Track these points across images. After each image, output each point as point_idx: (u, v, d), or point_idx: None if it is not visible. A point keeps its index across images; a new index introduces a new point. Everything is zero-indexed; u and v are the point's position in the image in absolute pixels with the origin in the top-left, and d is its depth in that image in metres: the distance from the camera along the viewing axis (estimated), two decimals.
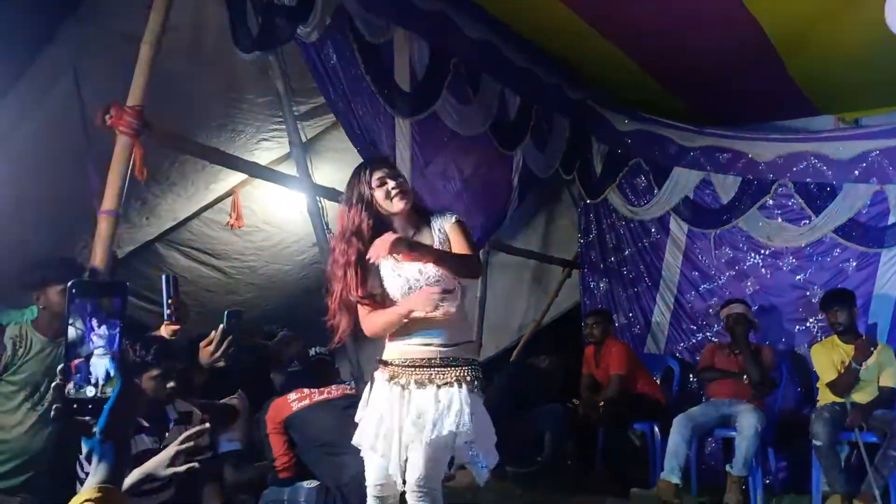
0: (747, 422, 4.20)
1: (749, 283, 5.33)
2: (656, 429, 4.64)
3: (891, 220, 4.84)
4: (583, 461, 4.98)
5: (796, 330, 5.12)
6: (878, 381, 4.29)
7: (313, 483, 3.14)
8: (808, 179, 5.11)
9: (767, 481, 4.49)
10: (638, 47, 4.73)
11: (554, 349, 5.51)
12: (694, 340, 5.43)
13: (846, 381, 4.21)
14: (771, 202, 5.24)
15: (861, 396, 4.25)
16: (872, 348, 4.18)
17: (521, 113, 4.76)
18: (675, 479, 4.12)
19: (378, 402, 2.42)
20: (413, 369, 2.39)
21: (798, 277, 5.16)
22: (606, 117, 5.67)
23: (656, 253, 5.67)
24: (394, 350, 2.45)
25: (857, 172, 4.93)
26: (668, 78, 5.27)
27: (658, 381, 5.11)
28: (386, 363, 2.45)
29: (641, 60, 4.95)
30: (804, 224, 5.12)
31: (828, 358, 4.38)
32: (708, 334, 5.36)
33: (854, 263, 4.96)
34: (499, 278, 5.89)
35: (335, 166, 4.36)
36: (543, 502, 4.13)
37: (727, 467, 4.28)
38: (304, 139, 3.82)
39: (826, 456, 4.11)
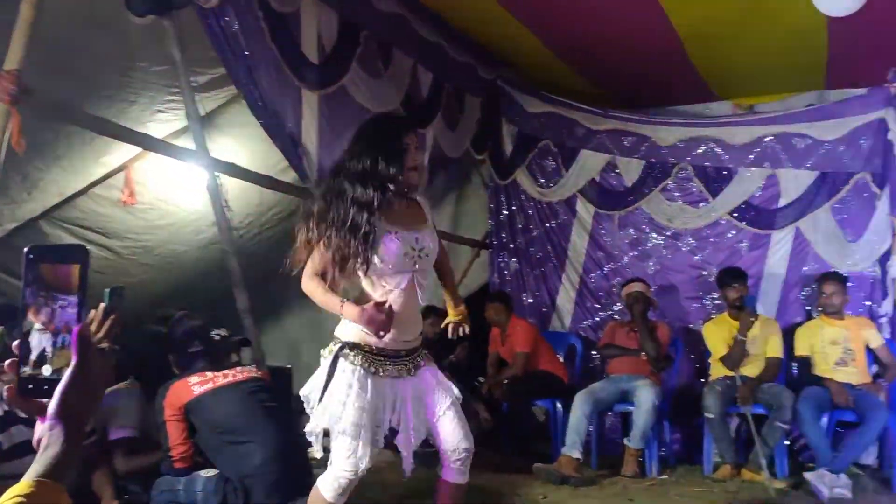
0: (644, 396, 4.36)
1: (651, 263, 5.51)
2: (559, 405, 4.75)
3: (781, 203, 5.10)
4: (488, 439, 5.04)
5: (693, 308, 5.34)
6: (766, 354, 4.55)
7: (211, 472, 3.01)
8: (706, 163, 5.32)
9: (662, 453, 4.69)
10: (547, 29, 4.76)
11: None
12: (598, 319, 5.58)
13: (736, 355, 4.44)
14: (672, 185, 5.42)
15: (750, 370, 4.49)
16: (752, 318, 4.41)
17: (433, 91, 4.71)
18: (577, 454, 4.24)
19: (355, 387, 2.36)
20: (385, 359, 2.43)
21: (696, 258, 5.38)
22: (517, 98, 5.72)
23: (563, 234, 5.78)
24: (361, 336, 2.40)
25: (751, 157, 5.16)
26: (576, 60, 5.34)
27: (561, 359, 5.22)
28: (356, 347, 2.40)
29: (551, 43, 4.99)
30: (702, 206, 5.33)
31: (719, 334, 4.61)
32: (611, 312, 5.52)
33: (747, 244, 5.21)
34: None
35: (236, 141, 4.18)
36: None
37: (625, 440, 4.45)
38: (202, 112, 3.63)
39: (717, 428, 4.34)
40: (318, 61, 3.82)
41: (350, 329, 2.42)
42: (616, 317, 5.38)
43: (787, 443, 4.43)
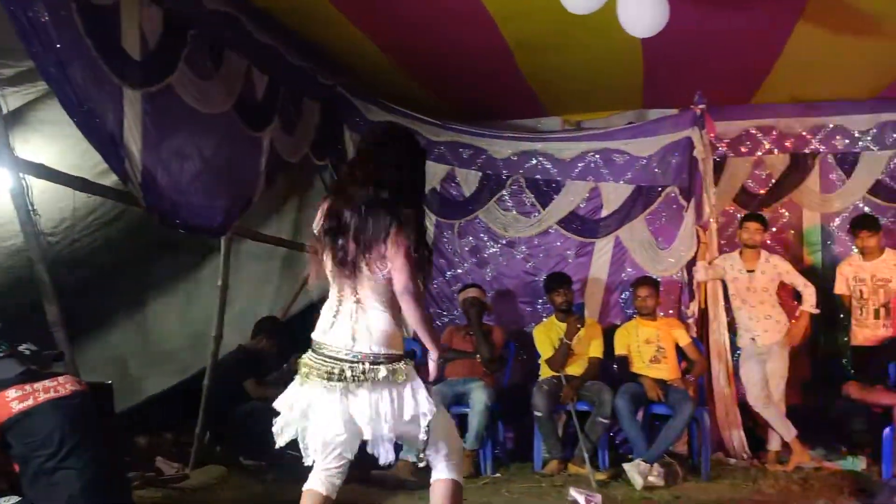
0: (478, 398, 4.51)
1: (488, 270, 5.73)
2: None
3: (603, 214, 5.47)
4: None
5: (526, 311, 5.61)
6: (588, 354, 4.85)
7: (12, 501, 2.73)
8: (537, 176, 5.61)
9: (497, 452, 4.86)
10: (384, 37, 4.82)
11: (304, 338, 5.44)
12: (440, 323, 5.68)
13: (560, 356, 4.71)
14: (506, 196, 5.67)
15: (574, 369, 4.78)
16: (580, 325, 4.70)
17: (268, 94, 4.62)
18: (413, 458, 4.26)
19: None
20: None
21: (528, 264, 5.65)
22: (357, 106, 5.73)
23: None
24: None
25: (576, 171, 5.51)
26: (415, 70, 5.44)
27: None
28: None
29: (389, 50, 5.05)
30: (534, 217, 5.61)
31: (547, 337, 4.87)
32: (453, 317, 5.66)
33: (573, 252, 5.54)
34: (246, 266, 5.70)
35: (47, 140, 3.88)
36: (283, 495, 4.03)
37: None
38: (5, 108, 3.34)
39: (545, 425, 4.57)
40: (140, 58, 3.63)
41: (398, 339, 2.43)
42: (457, 321, 5.52)
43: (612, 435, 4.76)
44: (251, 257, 5.75)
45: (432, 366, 2.47)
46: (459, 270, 5.75)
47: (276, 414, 2.45)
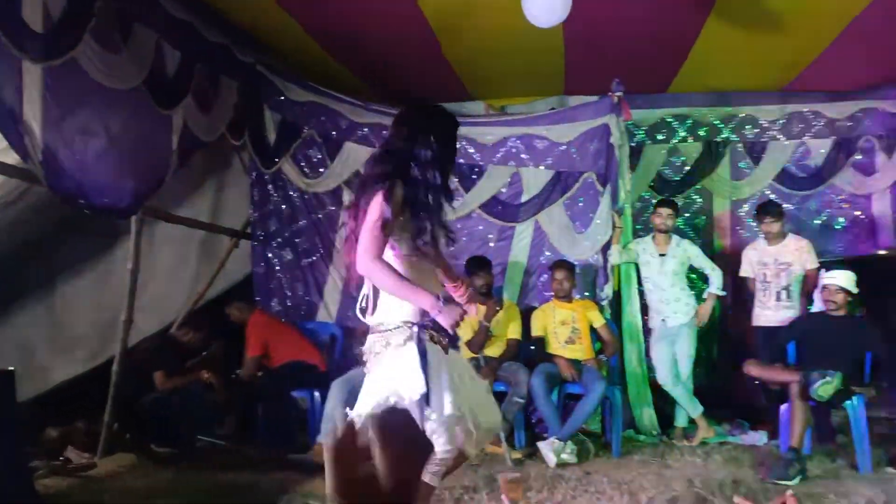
0: None
1: None
2: (317, 395, 4.77)
3: (523, 199, 5.54)
4: (243, 435, 4.95)
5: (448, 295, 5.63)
6: (506, 336, 4.93)
7: None
8: (460, 160, 5.62)
9: None
10: (306, 14, 4.75)
11: (221, 323, 5.34)
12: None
13: (479, 339, 4.77)
14: None
15: (492, 351, 4.86)
16: (498, 307, 4.78)
17: (181, 70, 4.48)
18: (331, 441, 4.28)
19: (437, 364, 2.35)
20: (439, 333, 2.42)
21: (451, 248, 5.64)
22: (278, 85, 5.63)
23: (331, 225, 5.81)
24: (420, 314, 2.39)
25: (498, 156, 5.56)
26: (338, 50, 5.39)
27: (324, 349, 5.25)
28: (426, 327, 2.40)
29: (311, 29, 4.99)
30: (457, 201, 5.62)
31: (466, 319, 4.89)
32: None
33: (494, 236, 5.60)
34: (161, 249, 5.56)
35: None
36: (196, 482, 3.98)
37: None
38: None
39: None
40: (42, 30, 3.47)
41: (407, 309, 2.39)
42: None
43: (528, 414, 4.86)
44: (167, 240, 5.59)
45: (444, 318, 2.35)
46: None
47: (189, 401, 2.41)
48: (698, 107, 6.09)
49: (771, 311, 4.96)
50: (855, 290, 4.43)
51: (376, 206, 2.31)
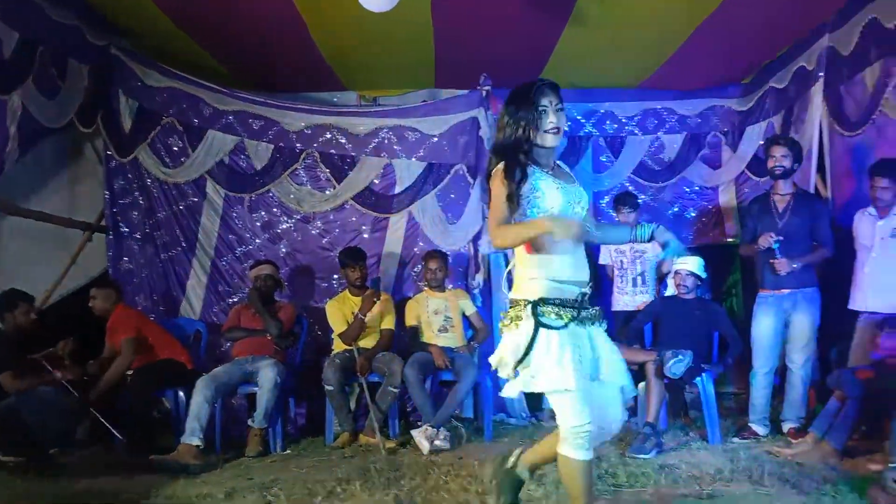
0: (267, 376, 4.43)
1: (282, 246, 5.61)
2: (181, 394, 4.57)
3: (397, 190, 5.56)
4: (107, 438, 4.65)
5: (322, 287, 5.57)
6: (381, 327, 4.93)
7: None
8: (331, 151, 5.57)
9: (289, 429, 4.82)
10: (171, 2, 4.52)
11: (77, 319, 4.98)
12: (231, 302, 5.49)
13: (353, 330, 4.74)
14: (300, 170, 5.57)
15: (367, 342, 4.84)
16: (375, 299, 4.78)
17: (19, 52, 4.13)
18: (197, 441, 4.13)
19: (557, 342, 2.35)
20: (568, 309, 2.41)
21: (324, 240, 5.61)
22: (135, 70, 5.33)
23: (193, 216, 5.58)
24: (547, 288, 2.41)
25: (371, 147, 5.54)
26: (202, 36, 5.16)
27: (188, 347, 5.03)
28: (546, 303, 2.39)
29: (172, 13, 4.75)
30: (329, 192, 5.57)
31: (339, 311, 4.88)
32: (243, 296, 5.48)
33: (368, 227, 5.59)
34: (10, 244, 5.11)
35: None
36: (54, 490, 3.70)
37: (249, 421, 4.47)
38: None
39: (336, 398, 4.59)
40: None
41: (531, 287, 2.43)
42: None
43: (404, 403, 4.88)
44: (17, 235, 5.15)
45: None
46: (251, 247, 5.58)
47: (39, 406, 2.23)
48: (564, 102, 6.30)
49: (628, 296, 5.25)
50: (703, 275, 4.77)
51: (494, 188, 2.46)
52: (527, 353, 2.36)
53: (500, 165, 2.46)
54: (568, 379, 2.31)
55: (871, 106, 4.48)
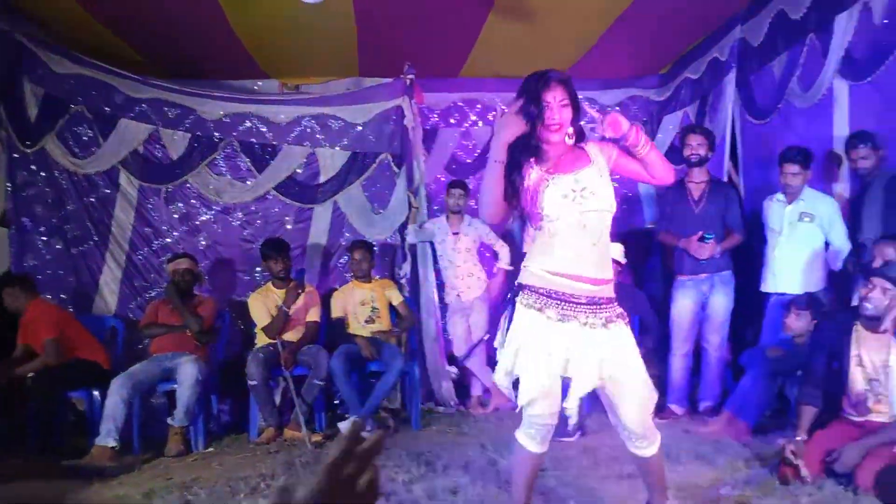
0: (187, 373, 4.29)
1: (202, 238, 5.44)
2: (96, 394, 4.38)
3: (321, 180, 5.47)
4: (10, 442, 4.42)
5: (244, 280, 5.43)
6: (306, 319, 4.85)
7: None
8: (252, 140, 5.42)
9: (211, 426, 4.69)
10: None
11: None
12: (148, 297, 5.30)
13: (277, 324, 4.65)
14: (219, 160, 5.41)
15: (292, 335, 4.75)
16: (300, 291, 4.69)
17: None
18: (112, 442, 3.98)
19: (525, 329, 2.34)
20: (559, 303, 2.35)
21: (246, 232, 5.47)
22: (41, 57, 5.04)
23: (105, 209, 5.34)
24: (539, 277, 2.39)
25: (293, 135, 5.43)
26: (113, 21, 4.93)
27: (104, 344, 4.82)
28: (527, 288, 2.39)
29: (86, 2, 4.52)
30: (249, 182, 5.43)
31: (263, 304, 4.77)
32: (161, 291, 5.28)
33: (292, 218, 5.48)
34: None
35: None
36: None
37: (169, 419, 4.33)
38: None
39: (260, 393, 4.49)
40: None
41: (525, 273, 2.43)
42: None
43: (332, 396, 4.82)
44: None
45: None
46: (168, 240, 5.38)
47: None
48: (487, 92, 6.36)
49: None
50: (623, 260, 4.88)
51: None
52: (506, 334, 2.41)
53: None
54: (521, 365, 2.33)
55: (778, 95, 4.68)
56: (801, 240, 4.24)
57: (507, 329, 2.40)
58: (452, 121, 6.31)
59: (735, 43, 5.09)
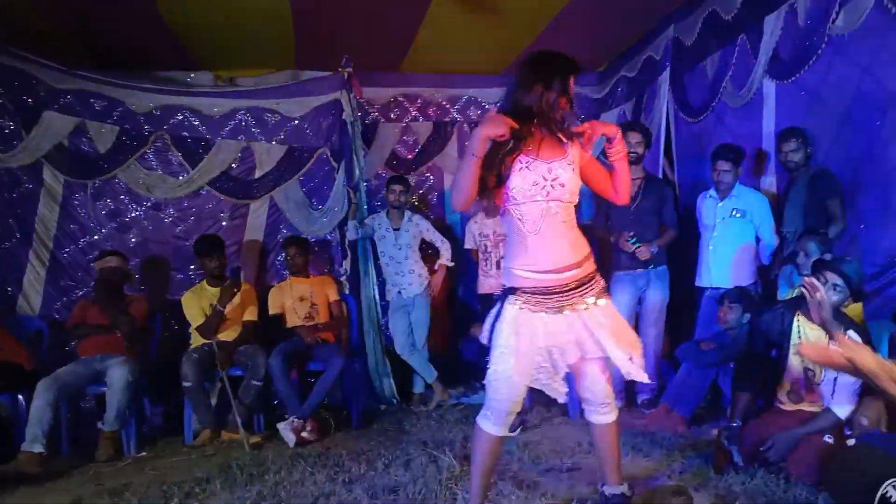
0: (117, 375, 4.13)
1: (132, 235, 5.25)
2: (21, 398, 4.18)
3: (257, 175, 5.36)
4: None
5: (177, 279, 5.27)
6: (243, 319, 4.74)
7: None
8: (184, 133, 5.26)
9: (144, 430, 4.53)
10: None
11: None
12: (75, 297, 5.08)
13: (212, 323, 4.53)
14: (150, 154, 5.23)
15: (229, 335, 4.64)
16: (235, 290, 4.57)
17: None
18: (39, 448, 3.79)
19: (508, 324, 2.39)
20: (539, 297, 2.40)
21: (178, 228, 5.31)
22: None
23: (28, 205, 5.10)
24: (517, 278, 2.43)
25: (227, 129, 5.30)
26: (42, 13, 4.69)
27: (29, 346, 4.60)
28: (513, 291, 2.43)
29: None
30: (182, 177, 5.26)
31: (197, 303, 4.64)
32: (89, 290, 5.08)
33: (227, 214, 5.34)
34: None
35: None
36: None
37: (99, 423, 4.16)
38: None
39: (194, 395, 4.36)
40: None
41: (510, 274, 2.45)
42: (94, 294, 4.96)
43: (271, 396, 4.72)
44: None
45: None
46: (96, 237, 5.18)
47: None
48: (427, 87, 6.33)
49: (493, 279, 5.34)
50: None
51: None
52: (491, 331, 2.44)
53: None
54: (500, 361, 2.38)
55: (712, 94, 4.80)
56: (733, 235, 4.36)
57: (493, 327, 2.43)
58: (392, 116, 6.27)
59: (669, 42, 5.20)
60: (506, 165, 2.37)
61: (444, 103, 6.37)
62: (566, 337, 2.42)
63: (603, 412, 2.64)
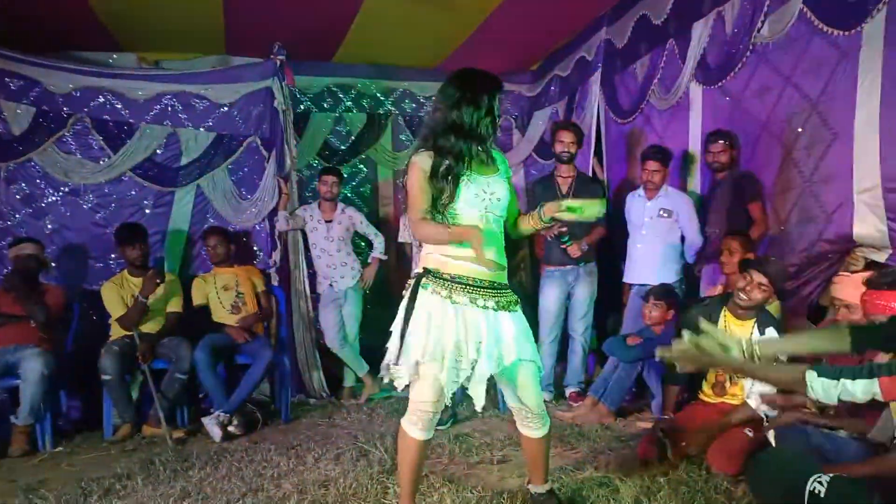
0: (31, 367, 3.95)
1: (48, 222, 5.00)
2: None
3: (183, 162, 5.18)
4: None
5: (96, 268, 5.04)
6: (167, 310, 4.59)
7: None
8: (105, 117, 5.04)
9: (61, 424, 4.33)
10: None
11: None
12: None
13: (134, 314, 4.37)
14: (68, 137, 4.98)
15: (152, 327, 4.48)
16: (159, 280, 4.42)
17: None
18: None
19: (434, 314, 2.37)
20: (463, 287, 2.41)
21: (98, 215, 5.08)
22: None
23: None
24: (443, 263, 2.44)
25: (152, 114, 5.10)
26: None
27: None
28: (432, 274, 2.43)
29: None
30: (103, 162, 5.04)
31: (117, 294, 4.47)
32: (1, 279, 4.80)
33: (151, 202, 5.14)
34: None
35: None
36: None
37: (12, 417, 3.96)
38: None
39: (115, 388, 4.20)
40: None
41: (428, 258, 2.46)
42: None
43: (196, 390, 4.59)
44: None
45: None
46: (10, 223, 4.90)
47: None
48: (362, 78, 6.27)
49: None
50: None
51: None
52: (406, 320, 2.39)
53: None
54: (425, 350, 2.33)
55: (641, 96, 4.93)
56: (660, 234, 4.50)
57: (407, 313, 2.40)
58: (325, 105, 6.18)
59: (601, 44, 5.30)
60: (456, 184, 2.41)
61: (378, 95, 6.33)
62: (483, 331, 2.42)
63: (536, 426, 2.62)
